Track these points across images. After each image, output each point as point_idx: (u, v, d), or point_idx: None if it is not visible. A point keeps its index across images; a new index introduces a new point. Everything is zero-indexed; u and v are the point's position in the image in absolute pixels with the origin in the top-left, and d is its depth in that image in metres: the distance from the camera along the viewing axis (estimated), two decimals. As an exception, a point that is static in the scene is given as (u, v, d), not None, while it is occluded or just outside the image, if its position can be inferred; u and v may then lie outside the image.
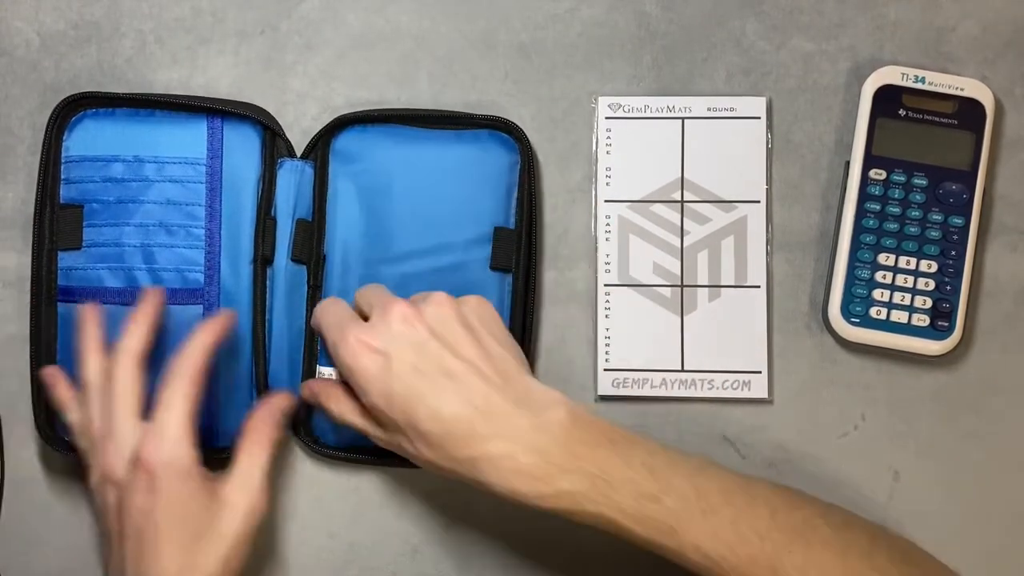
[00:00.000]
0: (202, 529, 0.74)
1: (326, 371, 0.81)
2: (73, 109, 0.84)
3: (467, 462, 0.72)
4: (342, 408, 0.77)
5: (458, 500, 0.85)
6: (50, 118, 0.83)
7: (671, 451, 0.74)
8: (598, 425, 0.73)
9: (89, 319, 0.80)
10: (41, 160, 0.83)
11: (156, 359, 0.79)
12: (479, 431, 0.72)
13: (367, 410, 0.75)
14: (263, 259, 0.84)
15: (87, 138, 0.84)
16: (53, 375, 0.81)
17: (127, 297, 0.82)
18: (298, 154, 0.85)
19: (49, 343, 0.83)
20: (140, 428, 0.75)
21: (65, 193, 0.83)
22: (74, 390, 0.80)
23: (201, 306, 0.83)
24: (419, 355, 0.73)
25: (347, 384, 0.76)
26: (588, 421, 0.73)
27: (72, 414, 0.79)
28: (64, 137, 0.83)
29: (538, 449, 0.72)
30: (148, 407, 0.77)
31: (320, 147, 0.85)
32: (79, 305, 0.80)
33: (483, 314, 0.76)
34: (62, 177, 0.83)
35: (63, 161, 0.84)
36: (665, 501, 0.71)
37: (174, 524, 0.73)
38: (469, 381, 0.73)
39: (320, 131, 0.85)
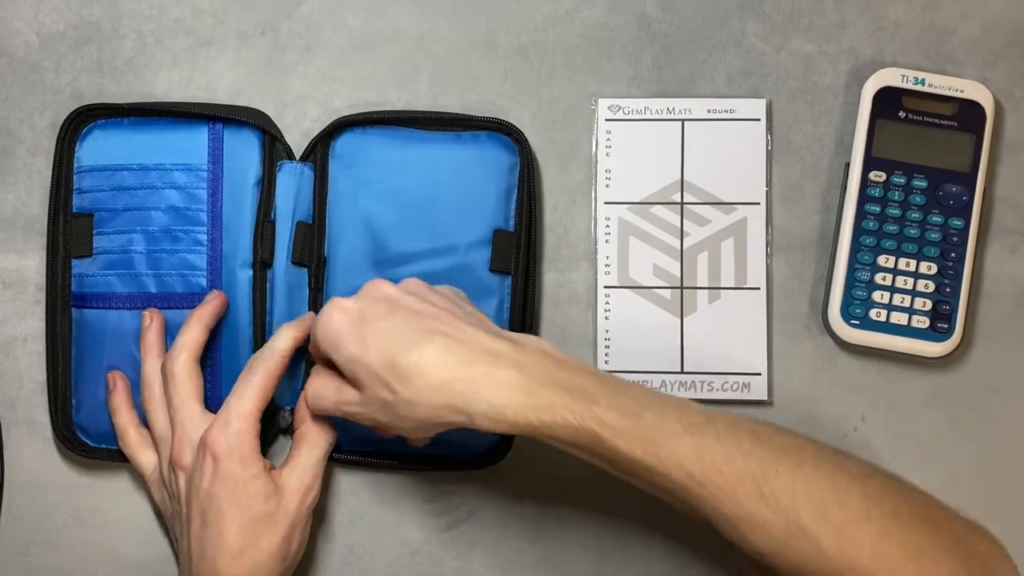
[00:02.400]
0: (262, 513, 0.76)
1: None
2: (83, 120, 0.84)
3: (446, 386, 0.71)
4: (322, 380, 0.77)
5: (458, 502, 0.85)
6: (61, 129, 0.84)
7: (645, 386, 0.74)
8: (574, 359, 0.74)
9: (149, 324, 0.83)
10: (53, 171, 0.84)
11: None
12: (458, 355, 0.72)
13: (344, 378, 0.75)
14: (262, 262, 0.84)
15: (97, 148, 0.84)
16: (114, 379, 0.84)
17: (136, 302, 0.83)
18: (298, 156, 0.85)
19: (65, 348, 0.84)
20: (206, 416, 0.79)
21: (77, 203, 0.84)
22: (130, 396, 0.83)
23: (203, 308, 0.83)
24: (391, 306, 0.74)
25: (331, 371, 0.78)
26: (564, 355, 0.74)
27: (120, 418, 0.83)
28: (76, 148, 0.84)
29: (518, 364, 0.71)
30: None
31: (319, 149, 0.85)
32: (144, 312, 0.83)
33: (457, 291, 0.78)
34: (74, 187, 0.84)
35: (75, 171, 0.84)
36: (646, 416, 0.70)
37: (236, 507, 0.76)
38: (442, 317, 0.73)
39: (319, 133, 0.85)
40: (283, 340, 0.80)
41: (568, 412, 0.70)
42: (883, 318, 0.83)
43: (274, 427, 0.84)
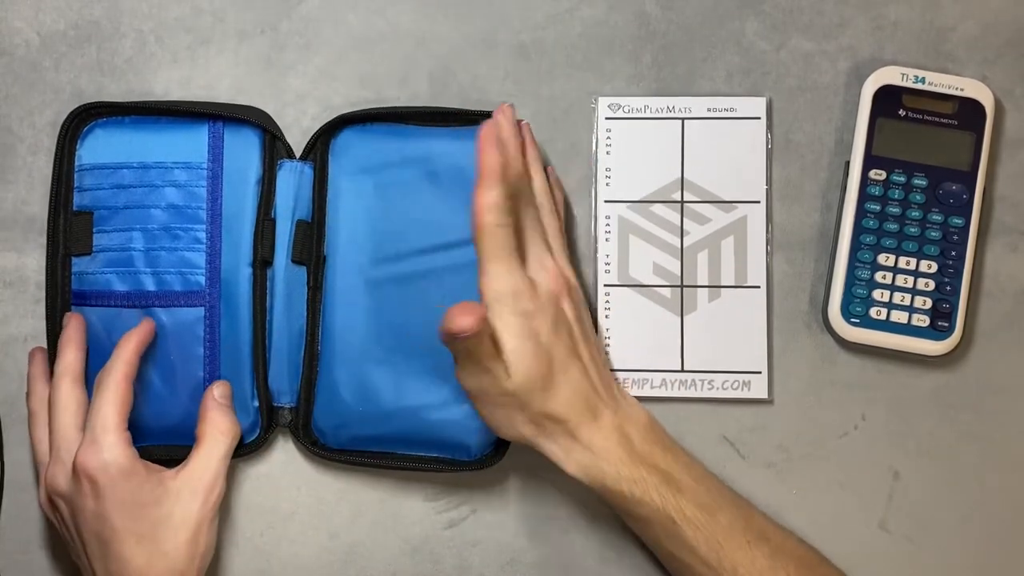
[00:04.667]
0: (159, 519, 0.76)
1: None
2: (84, 119, 0.84)
3: (566, 427, 0.76)
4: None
5: (458, 501, 0.85)
6: (62, 128, 0.84)
7: (720, 480, 0.80)
8: (667, 434, 0.81)
9: (36, 357, 0.83)
10: (54, 169, 0.84)
11: (160, 365, 0.82)
12: (585, 410, 0.77)
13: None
14: (262, 261, 0.84)
15: (98, 147, 0.84)
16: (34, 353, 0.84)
17: (134, 300, 0.83)
18: (298, 154, 0.85)
19: None
20: (79, 440, 0.78)
21: (77, 201, 0.84)
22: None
23: (203, 308, 0.83)
24: (558, 334, 0.77)
25: None
26: (660, 428, 0.80)
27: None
28: (77, 146, 0.84)
29: (626, 436, 0.77)
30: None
31: (319, 147, 0.85)
32: (32, 348, 0.84)
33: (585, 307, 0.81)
34: (75, 185, 0.84)
35: (76, 170, 0.84)
36: (719, 518, 0.76)
37: (128, 520, 0.76)
38: (587, 370, 0.78)
39: (318, 131, 0.85)
40: (126, 351, 0.80)
41: (657, 495, 0.76)
42: (883, 316, 0.83)
43: (273, 424, 0.84)
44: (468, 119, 0.84)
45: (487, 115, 0.83)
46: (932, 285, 0.83)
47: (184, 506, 0.77)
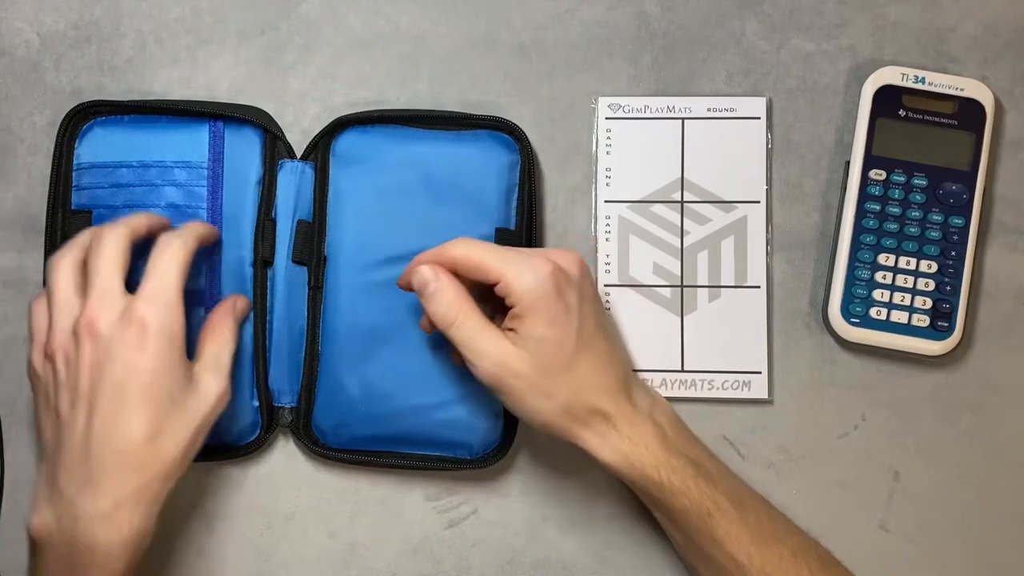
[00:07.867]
0: (177, 399, 0.74)
1: None
2: (83, 117, 0.84)
3: (606, 416, 0.76)
4: (475, 321, 0.75)
5: (458, 500, 0.85)
6: (60, 127, 0.84)
7: (737, 475, 0.81)
8: (688, 426, 0.81)
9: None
10: (53, 168, 0.84)
11: None
12: (624, 398, 0.77)
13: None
14: (263, 261, 0.84)
15: (97, 146, 0.84)
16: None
17: None
18: (298, 154, 0.85)
19: None
20: (125, 293, 0.74)
21: (76, 200, 0.84)
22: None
23: (203, 308, 0.83)
24: (598, 316, 0.77)
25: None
26: (682, 419, 0.81)
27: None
28: (76, 145, 0.84)
29: (659, 425, 0.77)
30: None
31: (320, 148, 0.85)
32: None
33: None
34: (73, 184, 0.84)
35: (75, 168, 0.84)
36: (748, 514, 0.76)
37: (156, 386, 0.73)
38: (621, 354, 0.79)
39: (320, 132, 0.85)
40: (196, 227, 0.79)
41: (693, 483, 0.76)
42: (883, 316, 0.83)
43: (274, 424, 0.84)
44: (469, 123, 0.84)
45: (488, 118, 0.83)
46: (932, 285, 0.83)
47: (197, 398, 0.75)
